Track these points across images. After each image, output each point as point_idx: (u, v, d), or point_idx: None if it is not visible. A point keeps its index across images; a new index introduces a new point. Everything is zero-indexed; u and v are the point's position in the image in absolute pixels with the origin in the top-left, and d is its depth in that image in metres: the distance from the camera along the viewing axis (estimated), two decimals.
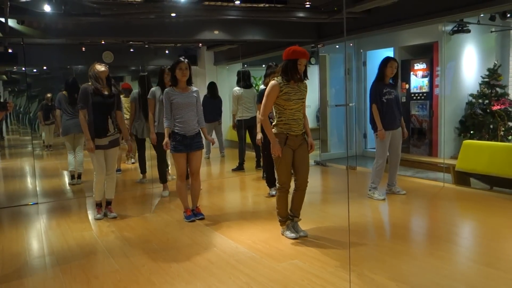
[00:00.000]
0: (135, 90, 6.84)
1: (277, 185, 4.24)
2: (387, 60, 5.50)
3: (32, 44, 7.80)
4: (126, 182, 7.46)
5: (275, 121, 4.14)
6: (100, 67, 4.93)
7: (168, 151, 4.81)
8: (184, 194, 5.00)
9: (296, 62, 4.02)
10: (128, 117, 6.97)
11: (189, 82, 4.87)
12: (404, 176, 7.02)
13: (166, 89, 4.84)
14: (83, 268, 3.74)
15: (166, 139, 4.78)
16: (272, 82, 4.09)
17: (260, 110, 4.19)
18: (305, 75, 4.14)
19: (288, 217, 4.30)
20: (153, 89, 5.99)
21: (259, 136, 5.83)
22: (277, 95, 4.04)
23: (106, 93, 4.94)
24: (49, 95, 8.92)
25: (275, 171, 4.29)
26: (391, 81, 5.58)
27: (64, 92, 6.97)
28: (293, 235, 4.21)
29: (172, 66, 4.79)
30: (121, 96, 7.50)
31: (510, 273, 3.29)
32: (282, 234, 4.30)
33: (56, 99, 7.13)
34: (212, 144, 4.95)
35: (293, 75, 4.05)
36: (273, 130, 4.12)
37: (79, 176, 7.19)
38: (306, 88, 4.20)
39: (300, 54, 4.02)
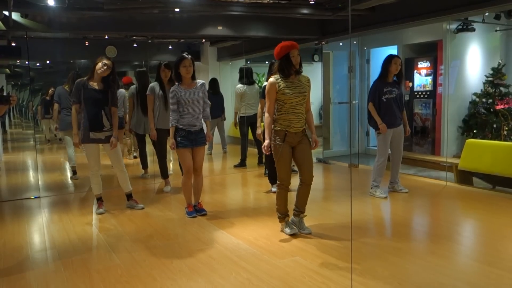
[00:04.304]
0: (134, 85, 6.82)
1: (277, 181, 4.25)
2: (391, 57, 5.47)
3: (36, 38, 7.79)
4: (128, 177, 7.44)
5: (276, 116, 4.13)
6: (100, 69, 4.88)
7: (168, 147, 4.79)
8: (189, 190, 4.99)
9: (289, 56, 4.03)
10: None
11: (193, 77, 4.86)
12: (407, 174, 7.01)
13: (172, 87, 4.82)
14: (85, 262, 3.74)
15: (172, 140, 4.76)
16: (269, 80, 4.13)
17: (266, 108, 4.19)
18: (300, 65, 4.13)
19: (287, 214, 4.31)
20: (152, 84, 5.99)
21: (259, 130, 5.84)
22: (275, 91, 4.05)
23: (97, 87, 4.93)
24: (51, 90, 8.89)
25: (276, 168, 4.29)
26: (394, 79, 5.55)
27: (66, 86, 6.90)
28: (291, 231, 4.21)
29: (176, 63, 4.76)
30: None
31: None
32: (282, 231, 4.31)
33: (56, 93, 6.99)
34: (208, 141, 4.95)
35: (290, 70, 4.06)
36: (272, 126, 4.13)
37: None
38: (309, 82, 4.19)
39: (290, 47, 4.04)
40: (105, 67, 4.87)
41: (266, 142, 4.10)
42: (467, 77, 8.33)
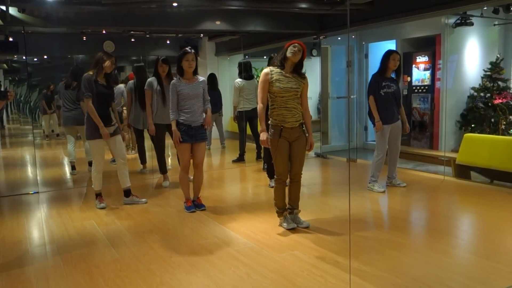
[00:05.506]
0: (132, 80, 6.81)
1: (275, 176, 4.26)
2: (389, 53, 5.48)
3: (33, 33, 7.76)
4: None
5: (269, 111, 4.15)
6: (109, 67, 4.93)
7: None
8: (186, 184, 5.00)
9: (287, 49, 4.07)
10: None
11: (195, 72, 4.85)
12: (405, 168, 7.03)
13: (173, 81, 4.81)
14: (84, 257, 3.75)
15: (177, 132, 4.72)
16: (263, 70, 4.16)
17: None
18: (300, 64, 4.14)
19: (285, 208, 4.32)
20: (149, 79, 5.99)
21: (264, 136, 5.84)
22: (268, 82, 4.07)
23: (105, 83, 4.96)
24: (52, 86, 8.92)
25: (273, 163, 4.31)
26: (392, 75, 5.56)
27: (62, 81, 6.96)
28: (290, 225, 4.23)
29: (179, 57, 4.75)
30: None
31: (509, 266, 3.30)
32: (280, 226, 4.32)
33: (59, 90, 7.18)
34: (205, 128, 4.91)
35: (284, 60, 4.08)
36: (269, 121, 4.15)
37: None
38: (305, 79, 4.17)
39: (292, 41, 4.11)
40: (113, 65, 4.97)
41: (263, 135, 4.10)
42: (465, 71, 8.33)
